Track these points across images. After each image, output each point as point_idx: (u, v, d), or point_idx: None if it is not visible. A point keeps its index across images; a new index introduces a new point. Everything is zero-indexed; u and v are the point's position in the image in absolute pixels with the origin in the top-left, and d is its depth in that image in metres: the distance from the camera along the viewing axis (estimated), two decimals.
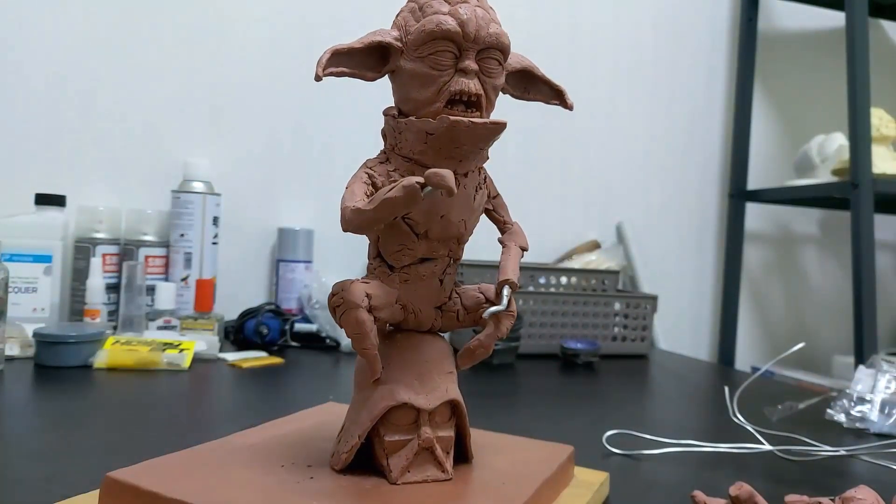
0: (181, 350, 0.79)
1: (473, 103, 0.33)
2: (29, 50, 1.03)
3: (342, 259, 1.18)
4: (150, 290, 0.96)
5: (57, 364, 0.75)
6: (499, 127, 0.33)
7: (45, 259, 0.93)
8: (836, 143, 1.33)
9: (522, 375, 0.88)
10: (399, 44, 0.34)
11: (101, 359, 0.76)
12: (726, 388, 0.71)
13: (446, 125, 0.32)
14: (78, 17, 1.06)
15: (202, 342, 0.84)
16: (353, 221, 0.32)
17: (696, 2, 1.47)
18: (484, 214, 0.39)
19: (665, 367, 1.05)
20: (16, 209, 0.97)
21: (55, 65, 1.05)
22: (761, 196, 1.41)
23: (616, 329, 1.09)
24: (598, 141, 1.39)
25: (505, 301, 0.36)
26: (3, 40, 1.02)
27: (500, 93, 0.36)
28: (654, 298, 1.11)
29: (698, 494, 0.40)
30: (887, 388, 0.69)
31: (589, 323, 1.06)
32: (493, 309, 0.36)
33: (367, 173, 0.35)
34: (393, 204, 0.30)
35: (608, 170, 1.40)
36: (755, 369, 1.40)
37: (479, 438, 0.41)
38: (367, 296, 0.34)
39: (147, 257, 1.02)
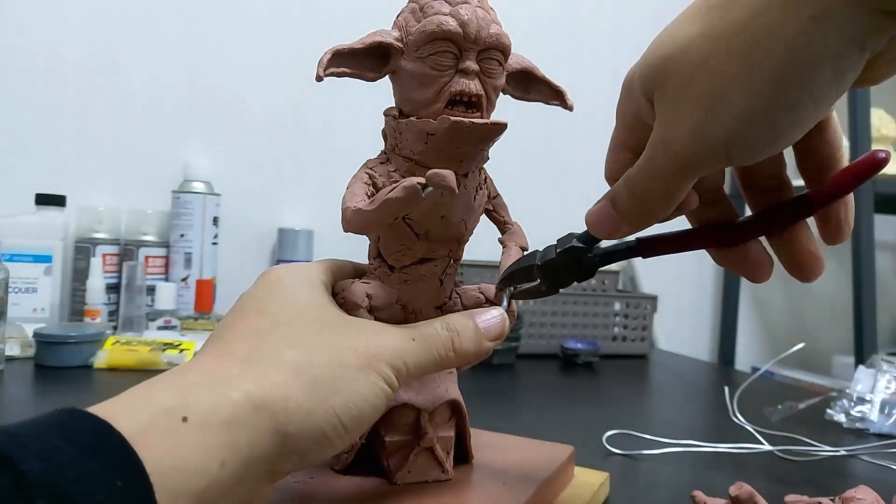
0: (181, 350, 0.79)
1: (474, 104, 0.33)
2: (29, 50, 1.03)
3: (342, 259, 1.18)
4: (151, 290, 0.96)
5: (57, 364, 0.75)
6: (499, 127, 0.33)
7: (45, 259, 0.93)
8: None
9: (522, 375, 0.88)
10: (399, 44, 0.34)
11: (101, 359, 0.76)
12: (726, 388, 0.71)
13: (447, 126, 0.32)
14: (78, 17, 1.06)
15: (202, 342, 0.84)
16: (353, 222, 0.32)
17: None
18: (484, 215, 0.39)
19: (665, 367, 1.05)
20: (16, 209, 0.97)
21: (55, 64, 1.05)
22: None
23: (616, 329, 1.09)
24: (599, 141, 1.39)
25: (505, 302, 0.36)
26: (3, 41, 1.02)
27: (501, 93, 0.36)
28: (654, 298, 1.11)
29: (698, 494, 0.40)
30: (887, 388, 0.69)
31: (589, 323, 1.06)
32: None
33: (367, 173, 0.35)
34: (394, 204, 0.30)
35: None
36: (755, 369, 1.40)
37: (479, 438, 0.41)
38: (368, 296, 0.34)
39: (147, 257, 1.02)
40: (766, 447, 0.56)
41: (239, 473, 0.24)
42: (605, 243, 0.34)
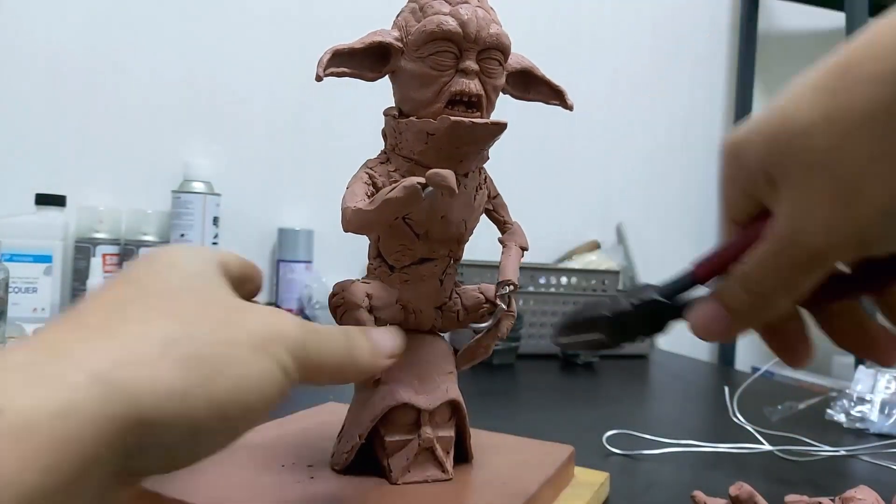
0: None
1: (474, 104, 0.33)
2: (29, 50, 1.03)
3: (342, 259, 1.18)
4: None
5: None
6: (499, 127, 0.33)
7: (45, 259, 0.93)
8: None
9: (522, 375, 0.88)
10: (399, 44, 0.34)
11: None
12: (726, 388, 0.71)
13: (447, 125, 0.32)
14: (78, 18, 1.06)
15: None
16: (353, 222, 0.32)
17: (695, 2, 1.47)
18: (484, 214, 0.39)
19: (665, 367, 1.05)
20: (16, 209, 0.97)
21: (55, 65, 1.05)
22: None
23: None
24: (598, 141, 1.39)
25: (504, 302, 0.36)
26: (3, 40, 1.02)
27: (500, 93, 0.36)
28: None
29: (698, 494, 0.40)
30: (887, 388, 0.69)
31: None
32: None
33: (367, 173, 0.35)
34: (394, 204, 0.30)
35: (608, 170, 1.40)
36: (755, 369, 1.40)
37: (479, 438, 0.41)
38: (368, 296, 0.34)
39: None
40: (766, 447, 0.56)
41: (72, 478, 0.18)
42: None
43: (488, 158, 0.36)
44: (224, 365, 0.22)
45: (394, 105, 0.36)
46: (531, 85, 0.38)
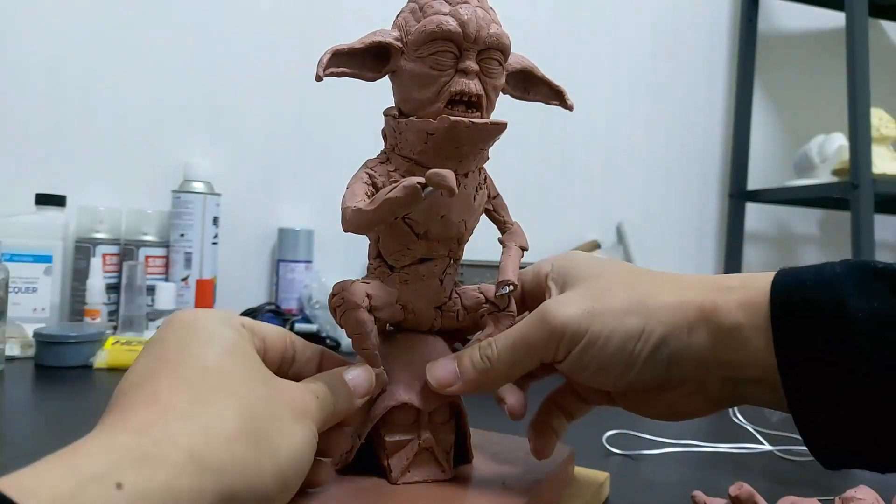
0: None
1: (474, 104, 0.33)
2: (29, 50, 1.03)
3: (342, 259, 1.18)
4: (151, 290, 0.96)
5: (57, 364, 0.75)
6: (499, 127, 0.33)
7: (45, 259, 0.93)
8: (836, 143, 1.33)
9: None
10: (399, 44, 0.34)
11: (102, 359, 0.76)
12: None
13: (447, 125, 0.32)
14: (78, 17, 1.06)
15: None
16: (353, 222, 0.32)
17: (696, 2, 1.47)
18: (484, 214, 0.39)
19: None
20: (16, 209, 0.97)
21: (55, 65, 1.05)
22: (761, 196, 1.41)
23: None
24: (598, 141, 1.39)
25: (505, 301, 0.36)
26: (3, 40, 1.02)
27: (500, 93, 0.36)
28: None
29: (698, 494, 0.40)
30: None
31: None
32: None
33: (367, 173, 0.35)
34: (394, 204, 0.30)
35: (608, 170, 1.40)
36: None
37: (479, 438, 0.41)
38: (368, 296, 0.34)
39: (147, 257, 1.02)
40: (766, 447, 0.56)
41: None
42: None
43: (488, 158, 0.36)
44: (281, 437, 0.26)
45: (394, 105, 0.36)
46: (531, 85, 0.38)
